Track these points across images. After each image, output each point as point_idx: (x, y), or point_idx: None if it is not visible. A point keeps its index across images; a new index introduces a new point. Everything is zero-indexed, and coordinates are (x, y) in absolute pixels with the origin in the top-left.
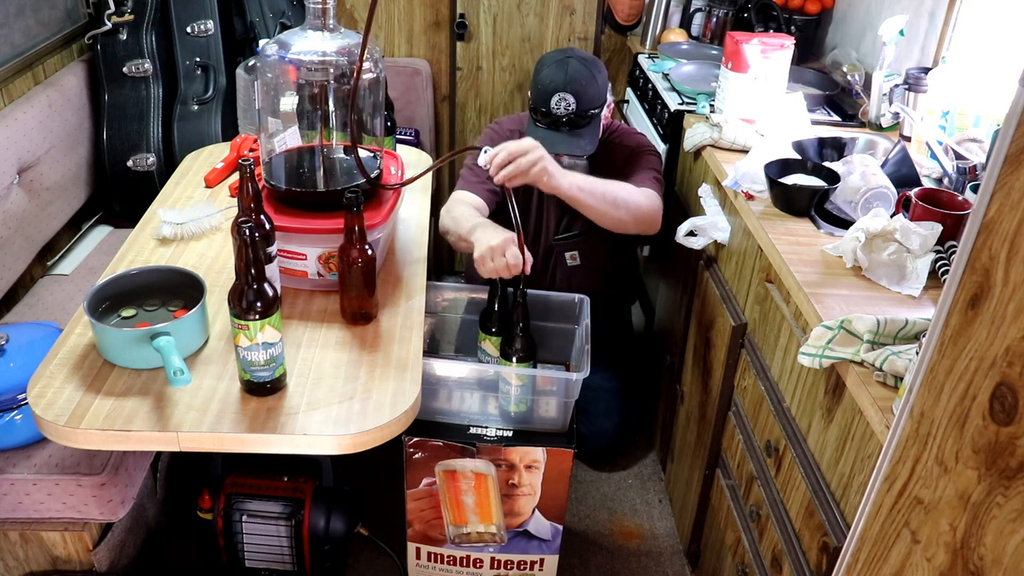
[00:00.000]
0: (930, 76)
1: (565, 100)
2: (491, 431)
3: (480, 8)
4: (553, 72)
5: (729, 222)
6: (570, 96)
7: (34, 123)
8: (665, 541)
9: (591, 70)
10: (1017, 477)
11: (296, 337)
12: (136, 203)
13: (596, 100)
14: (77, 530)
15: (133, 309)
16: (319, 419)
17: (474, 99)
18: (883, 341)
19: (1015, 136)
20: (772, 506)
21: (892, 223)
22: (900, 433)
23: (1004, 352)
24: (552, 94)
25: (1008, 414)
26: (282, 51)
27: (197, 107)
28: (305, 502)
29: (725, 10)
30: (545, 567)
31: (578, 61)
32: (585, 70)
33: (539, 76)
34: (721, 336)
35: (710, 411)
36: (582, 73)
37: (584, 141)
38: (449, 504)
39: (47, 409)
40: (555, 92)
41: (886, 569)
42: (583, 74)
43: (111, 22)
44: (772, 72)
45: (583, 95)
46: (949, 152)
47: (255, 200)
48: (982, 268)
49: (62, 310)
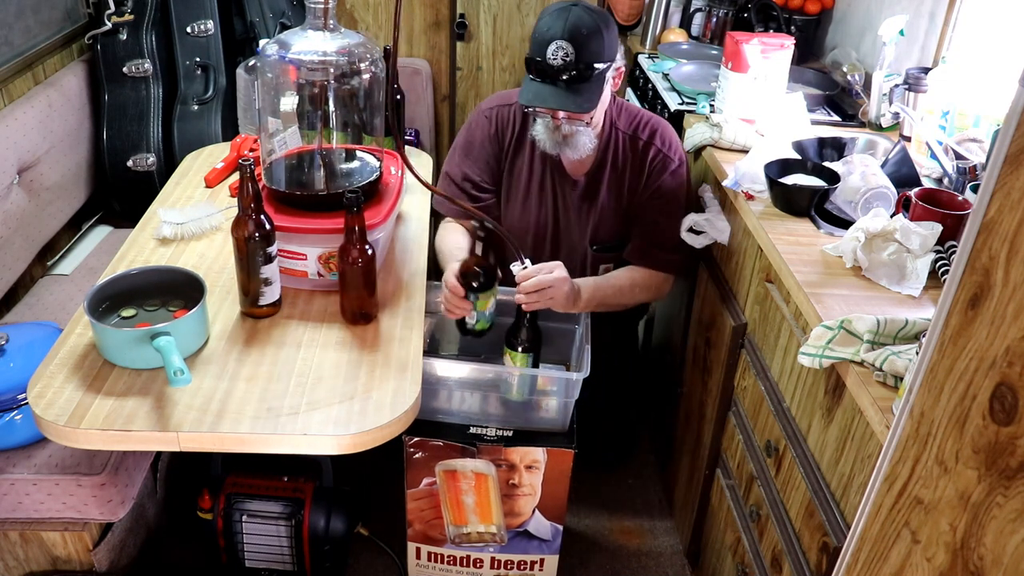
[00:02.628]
0: (930, 76)
1: (563, 49)
2: (491, 431)
3: (480, 8)
4: (552, 20)
5: (729, 222)
6: (568, 45)
7: (34, 123)
8: (665, 541)
9: (597, 21)
10: (1017, 477)
11: (296, 337)
12: (136, 203)
13: (599, 54)
14: (77, 530)
15: (133, 309)
16: (319, 419)
17: (474, 99)
18: (883, 341)
19: (1015, 136)
20: (772, 506)
21: (892, 223)
22: (900, 433)
23: (1004, 352)
24: (549, 42)
25: (1008, 414)
26: (282, 51)
27: (197, 107)
28: (305, 502)
29: (725, 10)
30: (545, 567)
31: (583, 10)
32: (590, 19)
33: (538, 25)
34: (721, 336)
35: (710, 411)
36: (585, 22)
37: (582, 98)
38: (449, 504)
39: (47, 409)
40: (552, 40)
41: (886, 569)
42: (586, 23)
43: (111, 22)
44: (772, 72)
45: (584, 46)
46: (949, 152)
47: (255, 200)
48: (982, 268)
49: (62, 310)
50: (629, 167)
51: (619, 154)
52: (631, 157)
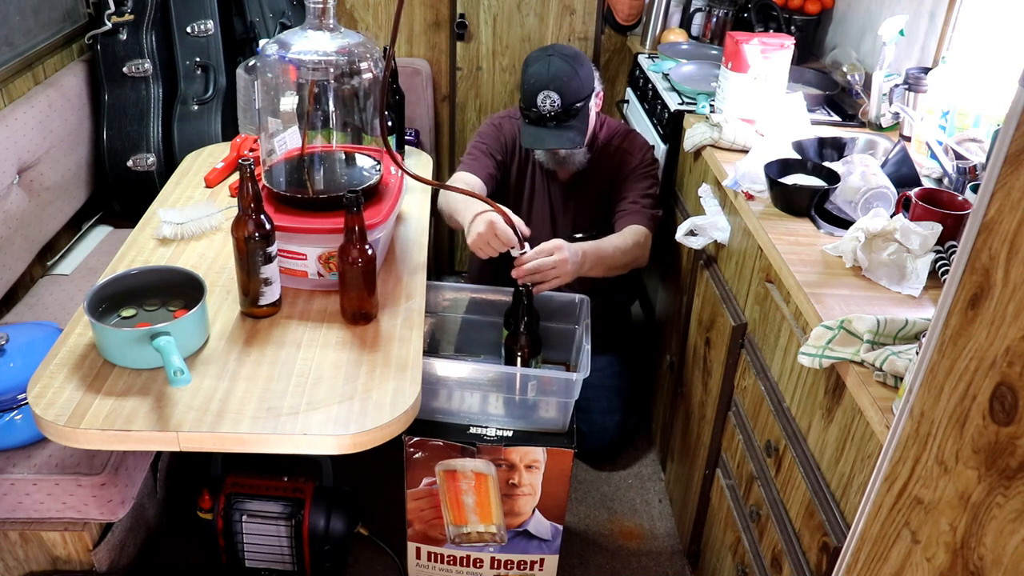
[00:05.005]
0: (930, 76)
1: (550, 97)
2: (491, 431)
3: (480, 8)
4: (537, 70)
5: (729, 222)
6: (554, 93)
7: (34, 123)
8: (665, 541)
9: (572, 65)
10: (1017, 477)
11: (296, 337)
12: (136, 203)
13: (580, 93)
14: (77, 530)
15: (133, 309)
16: (319, 419)
17: (474, 99)
18: (883, 341)
19: (1015, 136)
20: (772, 506)
21: (892, 223)
22: (900, 433)
23: (1004, 352)
24: (537, 92)
25: (1008, 414)
26: (282, 51)
27: (197, 107)
28: (305, 502)
29: (725, 10)
30: (545, 567)
31: (559, 58)
32: (567, 66)
33: (525, 75)
34: (721, 336)
35: (710, 411)
36: (563, 70)
37: (572, 133)
38: (449, 504)
39: (47, 409)
40: (540, 90)
41: (886, 569)
42: (564, 71)
43: (111, 22)
44: (772, 72)
45: (566, 90)
46: (949, 152)
47: (255, 200)
48: (982, 268)
49: (62, 310)
50: (607, 166)
51: (599, 158)
52: (608, 158)
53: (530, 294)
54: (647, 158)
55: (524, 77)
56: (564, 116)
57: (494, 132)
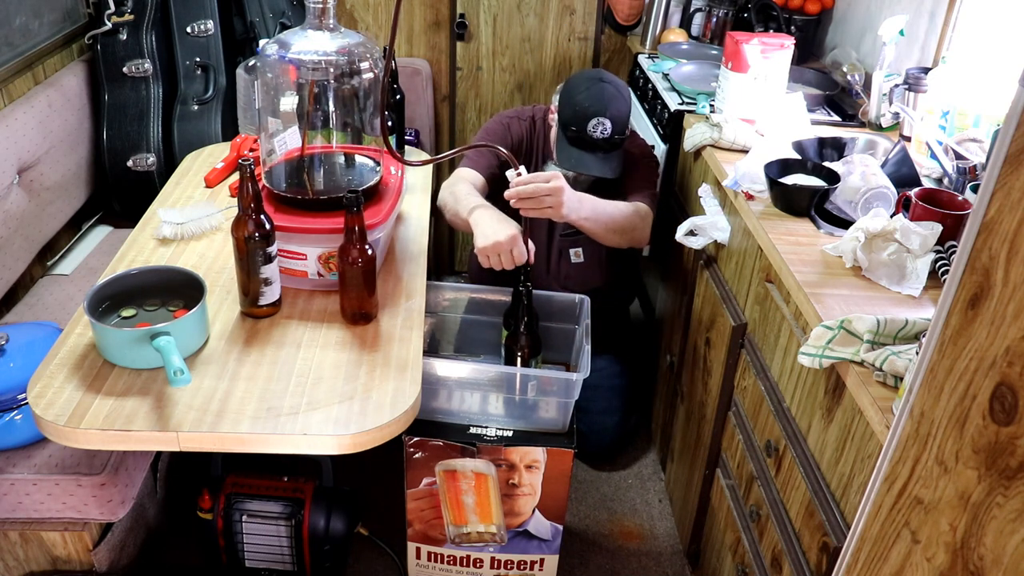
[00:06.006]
0: (930, 76)
1: (603, 125)
2: (491, 431)
3: (480, 8)
4: (591, 97)
5: (729, 222)
6: (608, 121)
7: (34, 123)
8: (665, 541)
9: (623, 94)
10: (1017, 477)
11: (296, 337)
12: (136, 203)
13: (627, 124)
14: (77, 530)
15: (133, 309)
16: (319, 419)
17: (474, 99)
18: (883, 341)
19: (1015, 136)
20: (772, 506)
21: (892, 223)
22: (900, 433)
23: (1004, 352)
24: (590, 118)
25: (1008, 414)
26: (282, 51)
27: (197, 107)
28: (305, 502)
29: (725, 10)
30: (545, 567)
31: (612, 86)
32: (619, 95)
33: (575, 98)
34: (721, 336)
35: (710, 411)
36: (617, 98)
37: (615, 163)
38: (449, 504)
39: (47, 409)
40: (594, 116)
41: (886, 569)
42: (618, 99)
43: (111, 22)
44: (772, 72)
45: (618, 120)
46: (949, 152)
47: (255, 200)
48: (982, 268)
49: (62, 310)
50: None
51: None
52: None
53: (530, 294)
54: (649, 162)
55: (575, 99)
56: (611, 146)
57: (502, 131)
